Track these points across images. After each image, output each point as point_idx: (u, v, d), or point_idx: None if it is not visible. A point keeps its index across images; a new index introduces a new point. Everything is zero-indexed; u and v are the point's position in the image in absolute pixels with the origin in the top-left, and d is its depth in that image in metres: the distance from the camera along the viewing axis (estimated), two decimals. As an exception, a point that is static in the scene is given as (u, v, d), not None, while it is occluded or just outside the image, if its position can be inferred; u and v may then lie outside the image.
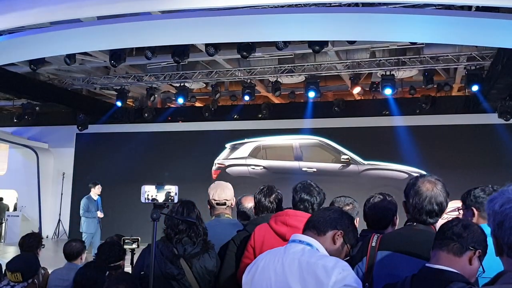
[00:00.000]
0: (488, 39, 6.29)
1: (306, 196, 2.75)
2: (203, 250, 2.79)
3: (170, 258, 2.73)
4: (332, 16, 5.81)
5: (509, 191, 1.25)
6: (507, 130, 11.17)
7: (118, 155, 13.77)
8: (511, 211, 1.28)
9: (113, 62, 9.33)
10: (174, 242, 2.78)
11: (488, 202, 1.38)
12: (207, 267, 2.77)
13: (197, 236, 2.81)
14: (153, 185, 2.74)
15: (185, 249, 2.78)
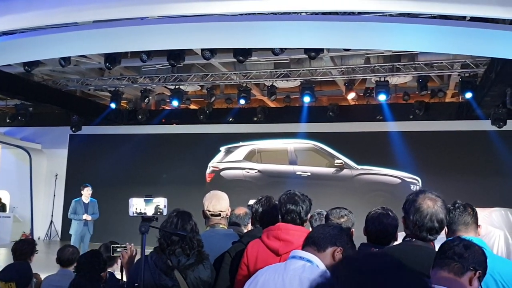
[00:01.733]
0: (482, 49, 6.35)
1: (291, 207, 2.74)
2: (197, 261, 2.77)
3: (164, 270, 2.71)
4: (328, 24, 5.84)
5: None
6: (500, 137, 11.26)
7: (112, 157, 13.72)
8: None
9: (108, 64, 9.32)
10: (167, 253, 2.76)
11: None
12: (201, 278, 2.76)
13: (190, 248, 2.78)
14: (141, 198, 2.68)
15: (179, 260, 2.76)
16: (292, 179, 12.61)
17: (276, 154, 13.34)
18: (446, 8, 5.26)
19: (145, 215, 2.63)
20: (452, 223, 2.52)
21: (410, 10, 5.56)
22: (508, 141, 11.19)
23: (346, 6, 5.44)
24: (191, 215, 2.90)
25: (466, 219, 2.53)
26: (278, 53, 8.35)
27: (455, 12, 5.42)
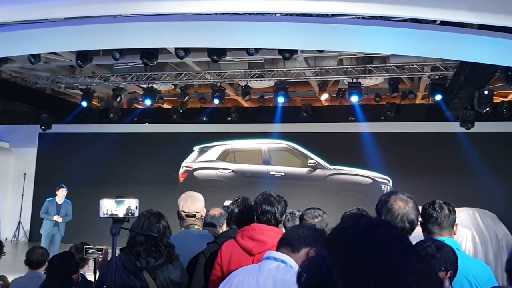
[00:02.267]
0: (451, 52, 6.50)
1: (267, 207, 2.76)
2: (167, 261, 2.75)
3: (133, 271, 2.68)
4: (302, 25, 5.89)
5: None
6: (468, 139, 11.53)
7: (83, 156, 13.48)
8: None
9: (80, 62, 9.16)
10: (135, 254, 2.73)
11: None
12: (171, 278, 2.74)
13: (157, 249, 2.76)
14: (112, 199, 2.64)
15: (148, 261, 2.73)
16: (266, 179, 12.66)
17: (250, 154, 13.35)
18: (416, 12, 5.36)
19: (116, 216, 2.60)
20: (427, 223, 2.57)
21: (382, 13, 5.66)
22: (475, 143, 11.48)
23: (320, 8, 5.49)
24: (161, 216, 2.87)
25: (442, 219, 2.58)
26: (253, 53, 8.37)
27: (425, 16, 5.53)
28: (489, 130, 11.59)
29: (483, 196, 10.49)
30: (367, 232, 0.79)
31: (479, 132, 11.33)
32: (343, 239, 0.79)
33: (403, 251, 0.77)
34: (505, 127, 11.61)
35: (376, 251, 0.75)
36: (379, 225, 0.82)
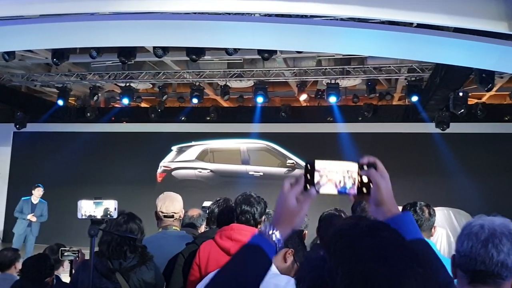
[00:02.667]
0: (427, 54, 6.61)
1: (246, 208, 2.77)
2: (140, 262, 2.73)
3: (105, 273, 2.65)
4: (281, 26, 5.92)
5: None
6: (443, 140, 11.74)
7: (59, 156, 13.26)
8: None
9: (56, 60, 9.00)
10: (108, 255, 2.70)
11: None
12: (145, 280, 2.71)
13: (121, 250, 2.73)
14: (91, 200, 2.61)
15: (121, 262, 2.71)
16: (245, 179, 12.66)
17: (229, 154, 13.34)
18: (394, 14, 5.44)
19: (94, 218, 2.57)
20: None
21: (360, 15, 5.72)
22: (450, 144, 11.69)
23: (298, 9, 5.52)
24: (132, 217, 2.83)
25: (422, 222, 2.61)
26: (232, 53, 8.35)
27: (402, 18, 5.62)
28: (464, 131, 11.82)
29: (458, 196, 10.69)
30: (368, 235, 0.80)
31: (454, 133, 11.54)
32: (345, 242, 0.79)
33: (404, 254, 0.78)
34: (479, 129, 11.85)
35: (378, 255, 0.76)
36: (380, 228, 0.83)
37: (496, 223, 1.51)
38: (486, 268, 1.45)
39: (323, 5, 5.34)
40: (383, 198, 1.28)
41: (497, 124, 11.89)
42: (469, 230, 1.52)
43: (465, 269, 1.47)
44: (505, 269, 1.44)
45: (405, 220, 1.26)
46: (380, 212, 1.28)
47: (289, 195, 1.27)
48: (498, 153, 11.86)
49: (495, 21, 5.15)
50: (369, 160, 1.33)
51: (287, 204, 1.27)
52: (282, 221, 1.26)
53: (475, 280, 1.47)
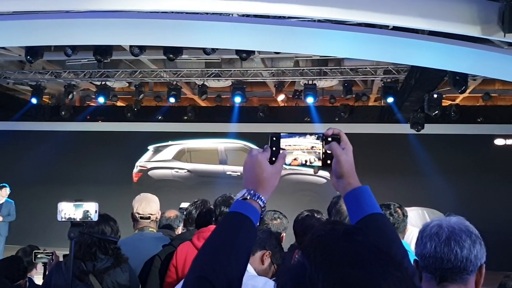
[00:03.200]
0: (402, 56, 6.72)
1: (225, 209, 2.76)
2: (114, 264, 2.70)
3: (78, 275, 2.61)
4: (259, 27, 5.92)
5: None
6: (418, 140, 11.93)
7: (32, 155, 13.00)
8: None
9: (29, 57, 8.81)
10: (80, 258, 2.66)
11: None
12: (119, 282, 2.68)
13: (102, 252, 2.71)
14: (71, 202, 2.57)
15: (94, 264, 2.68)
16: (222, 179, 12.64)
17: (206, 153, 13.29)
18: (370, 17, 5.50)
19: (74, 220, 2.53)
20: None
21: (337, 17, 5.77)
22: (425, 144, 11.89)
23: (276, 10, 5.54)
24: (106, 218, 2.80)
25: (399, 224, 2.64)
26: (210, 52, 8.32)
27: (378, 21, 5.68)
28: (438, 132, 12.04)
29: (432, 196, 10.88)
30: (345, 240, 0.81)
31: (428, 134, 11.74)
32: (322, 249, 0.80)
33: (381, 258, 0.79)
34: (453, 130, 12.08)
35: (356, 260, 0.77)
36: (356, 232, 0.84)
37: (452, 221, 1.57)
38: (453, 266, 1.50)
39: (300, 7, 5.37)
40: (343, 170, 1.30)
41: (470, 125, 12.14)
42: (429, 231, 1.57)
43: (433, 269, 1.52)
44: (470, 263, 1.50)
45: (364, 194, 1.28)
46: (341, 184, 1.31)
47: (261, 158, 1.26)
48: (471, 154, 12.12)
49: (468, 25, 5.26)
50: (333, 132, 1.34)
51: (263, 166, 1.25)
52: (263, 184, 1.24)
53: (443, 279, 1.52)
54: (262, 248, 2.07)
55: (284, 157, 1.30)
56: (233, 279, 1.09)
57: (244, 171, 1.28)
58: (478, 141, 12.22)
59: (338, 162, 1.30)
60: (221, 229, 1.23)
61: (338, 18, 5.82)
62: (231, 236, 1.16)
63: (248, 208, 1.20)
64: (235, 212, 1.20)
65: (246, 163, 1.27)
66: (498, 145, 12.26)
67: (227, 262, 1.10)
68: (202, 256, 1.15)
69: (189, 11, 5.82)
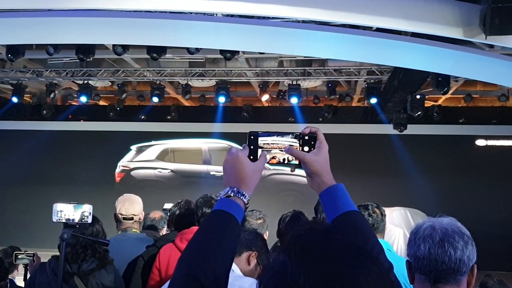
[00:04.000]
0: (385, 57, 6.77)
1: (207, 210, 2.75)
2: (99, 266, 2.68)
3: (63, 277, 2.59)
4: (243, 27, 5.92)
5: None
6: (401, 141, 12.05)
7: (13, 155, 12.80)
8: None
9: (11, 56, 8.66)
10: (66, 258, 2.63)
11: None
12: (104, 283, 2.67)
13: (92, 253, 2.69)
14: (69, 204, 2.56)
15: (79, 266, 2.66)
16: (206, 179, 12.59)
17: (190, 153, 13.23)
18: (354, 18, 5.53)
19: (72, 221, 2.51)
20: None
21: (321, 19, 5.79)
22: (407, 145, 12.01)
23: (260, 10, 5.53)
24: (95, 219, 2.79)
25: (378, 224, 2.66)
26: (194, 52, 8.29)
27: (362, 22, 5.72)
28: (421, 133, 12.17)
29: (414, 196, 10.99)
30: (324, 238, 0.84)
31: (411, 134, 11.86)
32: (303, 247, 0.82)
33: (359, 254, 0.82)
34: (435, 130, 12.22)
35: (334, 256, 0.80)
36: (334, 231, 0.87)
37: (444, 222, 1.59)
38: (447, 267, 1.52)
39: (284, 7, 5.37)
40: (313, 170, 1.33)
41: (452, 126, 12.31)
42: (422, 233, 1.58)
43: (427, 271, 1.53)
44: (463, 264, 1.53)
45: (338, 193, 1.32)
46: (315, 183, 1.34)
47: (242, 156, 1.28)
48: (453, 154, 12.28)
49: (451, 27, 5.33)
50: (310, 131, 1.37)
51: (244, 163, 1.27)
52: (246, 181, 1.26)
53: (437, 280, 1.54)
54: (249, 249, 2.06)
55: (265, 156, 1.32)
56: (220, 275, 1.10)
57: (224, 170, 1.29)
58: (460, 142, 12.39)
59: (305, 163, 1.33)
60: (206, 227, 1.22)
61: (322, 19, 5.84)
62: (217, 234, 1.16)
63: (232, 205, 1.21)
64: (220, 210, 1.21)
65: (226, 161, 1.29)
66: (480, 146, 12.44)
67: (214, 259, 1.11)
68: (189, 255, 1.16)
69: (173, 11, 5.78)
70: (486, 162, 12.11)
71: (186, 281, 1.08)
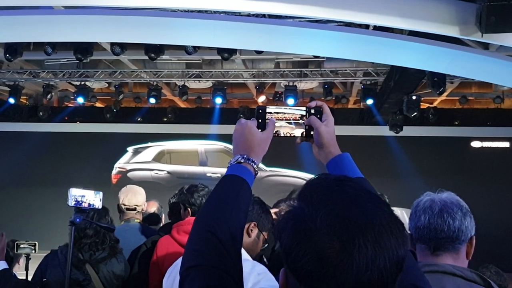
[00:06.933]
0: (382, 56, 6.82)
1: (199, 199, 2.78)
2: (110, 254, 2.72)
3: (75, 264, 2.62)
4: (241, 25, 5.96)
5: None
6: (397, 142, 12.10)
7: (9, 156, 12.76)
8: None
9: (9, 56, 8.66)
10: (79, 246, 2.67)
11: None
12: (114, 272, 2.71)
13: (103, 242, 2.72)
14: (81, 189, 2.61)
15: (91, 254, 2.69)
16: (203, 181, 12.26)
17: (186, 155, 13.24)
18: (351, 16, 5.58)
19: (82, 206, 2.55)
20: None
21: (318, 16, 5.83)
22: (404, 146, 12.06)
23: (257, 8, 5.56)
24: (108, 210, 2.84)
25: None
26: (191, 52, 8.31)
27: (359, 20, 5.77)
28: (416, 135, 12.23)
29: (410, 197, 10.81)
30: (337, 185, 0.90)
31: (407, 136, 11.92)
32: (318, 192, 0.88)
33: (371, 197, 0.88)
34: (431, 132, 12.29)
35: (349, 199, 0.86)
36: (347, 179, 0.93)
37: (443, 196, 1.69)
38: (446, 235, 1.60)
39: (281, 5, 5.40)
40: (324, 141, 1.39)
41: (447, 128, 12.38)
42: (422, 205, 1.68)
43: (427, 240, 1.60)
44: (461, 233, 1.61)
45: (345, 161, 1.40)
46: (322, 154, 1.41)
47: (251, 125, 1.34)
48: (449, 156, 12.34)
49: (447, 25, 5.38)
50: (316, 104, 1.41)
51: (253, 132, 1.33)
52: (255, 149, 1.32)
53: (437, 248, 1.61)
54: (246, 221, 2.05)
55: (274, 124, 1.37)
56: (235, 233, 1.15)
57: (234, 138, 1.35)
58: (455, 144, 12.46)
59: (319, 134, 1.38)
60: (220, 190, 1.26)
61: (319, 17, 5.89)
62: (231, 195, 1.22)
63: (243, 170, 1.28)
64: (232, 175, 1.27)
65: (236, 131, 1.35)
66: (475, 147, 12.52)
67: (229, 216, 1.17)
68: (206, 214, 1.21)
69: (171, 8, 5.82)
70: (481, 163, 12.18)
71: (204, 237, 1.13)
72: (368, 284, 0.80)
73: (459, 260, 1.62)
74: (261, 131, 1.35)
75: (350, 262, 0.79)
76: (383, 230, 0.82)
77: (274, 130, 1.38)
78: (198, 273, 1.08)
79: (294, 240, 0.84)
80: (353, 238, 0.80)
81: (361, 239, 0.80)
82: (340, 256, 0.79)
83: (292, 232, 0.85)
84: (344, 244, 0.80)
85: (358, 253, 0.79)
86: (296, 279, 0.84)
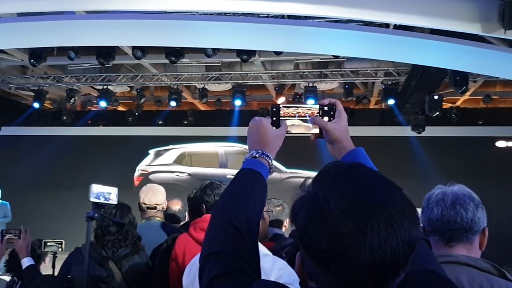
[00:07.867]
0: (403, 55, 6.76)
1: (215, 191, 2.80)
2: (133, 251, 2.76)
3: (99, 261, 2.67)
4: (260, 26, 5.97)
5: None
6: (419, 143, 11.95)
7: (34, 159, 13.00)
8: None
9: (33, 61, 8.85)
10: (103, 243, 2.71)
11: None
12: (137, 269, 2.74)
13: (126, 239, 2.76)
14: (100, 185, 2.70)
15: (114, 251, 2.73)
16: (223, 183, 12.60)
17: (207, 157, 13.31)
18: (371, 15, 5.55)
19: (100, 201, 2.62)
20: None
21: (338, 16, 5.82)
22: (426, 146, 11.90)
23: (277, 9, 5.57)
24: (130, 208, 2.89)
25: None
26: (211, 54, 8.36)
27: (379, 19, 5.74)
28: (439, 135, 12.06)
29: (433, 198, 10.86)
30: (351, 170, 0.94)
31: (429, 136, 11.76)
32: (332, 176, 0.92)
33: (385, 182, 0.92)
34: (453, 132, 12.10)
35: (362, 182, 0.89)
36: (360, 165, 0.97)
37: (455, 188, 1.73)
38: (459, 226, 1.63)
39: (302, 5, 5.41)
40: (336, 137, 1.44)
41: (471, 127, 12.17)
42: (435, 198, 1.71)
43: (441, 231, 1.62)
44: (474, 224, 1.63)
45: (358, 155, 1.43)
46: (336, 150, 1.45)
47: (265, 122, 1.39)
48: (473, 156, 12.11)
49: (469, 23, 5.31)
50: (329, 101, 1.46)
51: (267, 128, 1.39)
52: (269, 145, 1.37)
53: (451, 239, 1.63)
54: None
55: (286, 124, 1.42)
56: (252, 220, 1.19)
57: (248, 134, 1.41)
58: (480, 144, 12.23)
59: (327, 131, 1.44)
60: (237, 182, 1.30)
61: (339, 17, 5.87)
62: (248, 188, 1.25)
63: (258, 164, 1.31)
64: (248, 169, 1.30)
65: (250, 127, 1.41)
66: (500, 147, 12.28)
67: (245, 207, 1.21)
68: (223, 206, 1.26)
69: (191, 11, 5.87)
70: (506, 163, 11.92)
71: (222, 227, 1.17)
72: (382, 263, 0.82)
73: (472, 250, 1.63)
74: (275, 129, 1.39)
75: (363, 241, 0.82)
76: (396, 212, 0.85)
77: (286, 127, 1.43)
78: (217, 260, 1.11)
79: (309, 222, 0.87)
80: (366, 219, 0.83)
81: (374, 220, 0.82)
82: (353, 236, 0.82)
83: (307, 215, 0.88)
84: (357, 224, 0.82)
85: (371, 233, 0.82)
86: (311, 259, 0.87)
